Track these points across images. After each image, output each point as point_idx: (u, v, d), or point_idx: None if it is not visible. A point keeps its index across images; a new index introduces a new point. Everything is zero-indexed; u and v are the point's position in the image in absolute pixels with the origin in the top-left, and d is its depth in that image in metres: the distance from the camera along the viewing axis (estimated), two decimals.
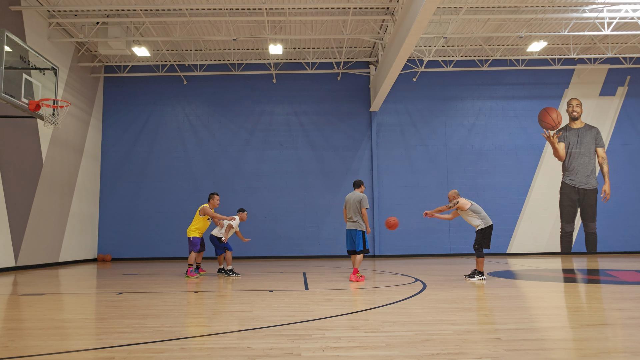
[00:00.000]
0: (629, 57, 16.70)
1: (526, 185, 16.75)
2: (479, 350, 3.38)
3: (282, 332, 4.06)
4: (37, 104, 9.41)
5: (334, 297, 6.21)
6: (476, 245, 8.17)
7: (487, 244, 8.15)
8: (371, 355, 3.31)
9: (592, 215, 16.59)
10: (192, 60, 16.50)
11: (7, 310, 5.47)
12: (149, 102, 16.95)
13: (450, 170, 16.69)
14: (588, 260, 13.63)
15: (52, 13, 13.16)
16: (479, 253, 8.11)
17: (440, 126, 16.97)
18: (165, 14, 13.45)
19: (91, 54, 16.08)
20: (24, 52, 9.34)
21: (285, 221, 16.20)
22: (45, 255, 13.15)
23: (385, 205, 16.51)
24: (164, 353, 3.40)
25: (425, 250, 16.36)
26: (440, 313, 4.89)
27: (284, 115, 17.00)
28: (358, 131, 16.88)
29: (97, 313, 5.26)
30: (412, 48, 11.44)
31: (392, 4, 12.91)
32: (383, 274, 9.80)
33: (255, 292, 6.98)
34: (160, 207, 16.53)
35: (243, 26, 14.48)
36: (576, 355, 3.31)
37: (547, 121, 16.83)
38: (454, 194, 8.46)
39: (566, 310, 5.16)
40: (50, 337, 3.96)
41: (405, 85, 16.92)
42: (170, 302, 5.88)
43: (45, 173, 13.13)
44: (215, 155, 16.80)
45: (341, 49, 16.33)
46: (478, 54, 16.71)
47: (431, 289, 6.95)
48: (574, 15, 13.42)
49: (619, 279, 8.34)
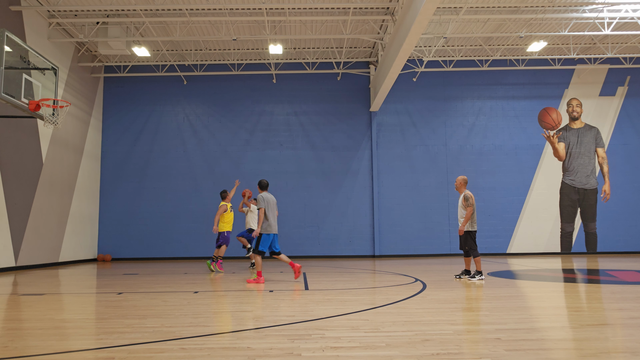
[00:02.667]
0: (629, 57, 16.70)
1: (526, 185, 16.75)
2: (479, 350, 3.38)
3: (282, 332, 4.06)
4: (37, 104, 9.41)
5: (334, 297, 6.21)
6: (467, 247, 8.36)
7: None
8: (371, 355, 3.31)
9: (592, 215, 16.59)
10: (192, 60, 16.50)
11: (7, 310, 5.47)
12: (149, 102, 16.95)
13: (450, 170, 16.69)
14: (588, 260, 13.63)
15: (52, 13, 13.16)
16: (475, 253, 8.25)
17: (440, 126, 16.97)
18: (165, 14, 13.45)
19: (91, 54, 16.08)
20: (24, 52, 9.34)
21: (285, 221, 16.19)
22: (45, 255, 13.15)
23: (385, 205, 16.51)
24: (164, 353, 3.40)
25: (425, 250, 16.36)
26: (440, 313, 4.89)
27: (284, 115, 17.00)
28: (358, 131, 16.88)
29: (97, 313, 5.26)
30: (412, 48, 11.45)
31: (392, 4, 12.90)
32: (383, 274, 9.80)
33: (255, 292, 6.98)
34: (160, 207, 16.53)
35: (243, 26, 14.48)
36: (576, 355, 3.30)
37: (547, 121, 16.83)
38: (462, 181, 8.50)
39: (566, 310, 5.16)
40: (50, 337, 3.96)
41: (405, 85, 16.92)
42: (170, 302, 5.88)
43: (45, 173, 13.13)
44: (215, 155, 16.80)
45: (341, 49, 16.33)
46: (478, 54, 16.71)
47: (431, 289, 6.95)
48: (574, 15, 13.42)
49: (619, 279, 8.34)
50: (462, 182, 8.45)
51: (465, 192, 8.26)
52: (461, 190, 8.40)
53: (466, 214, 8.16)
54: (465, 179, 8.50)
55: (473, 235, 8.28)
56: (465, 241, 8.30)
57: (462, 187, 8.42)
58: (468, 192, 8.23)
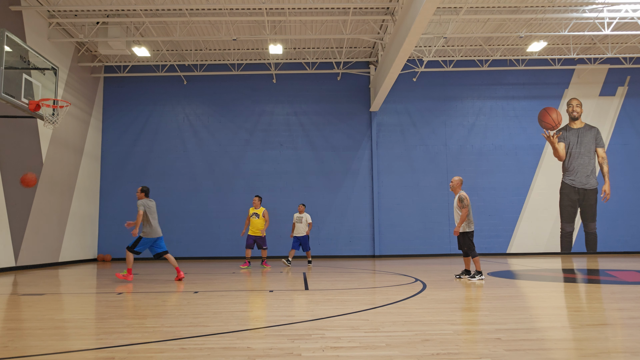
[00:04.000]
0: (629, 57, 16.70)
1: (526, 185, 16.75)
2: (479, 350, 3.38)
3: (282, 332, 4.06)
4: (37, 104, 9.41)
5: (334, 297, 6.21)
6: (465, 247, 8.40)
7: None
8: (371, 355, 3.31)
9: (592, 215, 16.59)
10: (192, 60, 16.50)
11: (7, 310, 5.47)
12: (149, 102, 16.95)
13: (450, 170, 16.69)
14: (588, 260, 13.63)
15: (52, 13, 13.16)
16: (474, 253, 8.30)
17: (440, 126, 16.97)
18: (165, 14, 13.45)
19: (91, 54, 16.08)
20: (24, 52, 9.34)
21: (285, 221, 16.18)
22: (45, 255, 13.15)
23: (385, 205, 16.51)
24: (164, 353, 3.40)
25: (425, 250, 16.36)
26: (440, 313, 4.89)
27: (284, 115, 16.99)
28: (358, 131, 16.88)
29: (97, 313, 5.26)
30: (412, 48, 11.45)
31: (392, 4, 12.91)
32: (383, 274, 9.80)
33: (255, 292, 6.98)
34: (160, 207, 16.47)
35: (243, 26, 14.48)
36: (576, 355, 3.30)
37: (547, 121, 16.82)
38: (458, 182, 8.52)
39: (566, 310, 5.16)
40: (50, 337, 3.96)
41: (405, 85, 16.92)
42: (170, 302, 5.88)
43: (45, 173, 13.13)
44: (215, 155, 16.80)
45: (341, 49, 16.33)
46: (478, 54, 16.71)
47: (431, 289, 6.95)
48: (574, 15, 13.42)
49: (619, 279, 8.34)
50: (457, 183, 8.48)
51: (460, 193, 8.31)
52: (457, 191, 8.45)
53: (461, 215, 8.21)
54: (461, 180, 8.55)
55: (470, 236, 8.31)
56: (463, 242, 8.33)
57: (458, 188, 8.46)
58: (463, 193, 8.28)
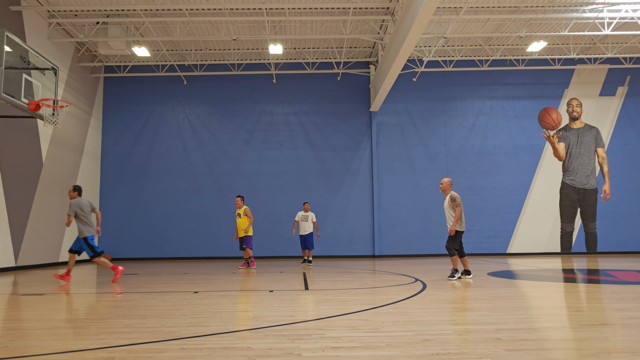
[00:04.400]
0: (629, 57, 16.70)
1: (526, 185, 16.75)
2: (479, 350, 3.38)
3: (282, 332, 4.06)
4: (37, 104, 9.41)
5: (334, 297, 6.21)
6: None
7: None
8: (371, 355, 3.31)
9: (592, 215, 16.59)
10: (192, 60, 16.50)
11: (7, 310, 5.47)
12: (149, 102, 16.95)
13: (450, 170, 16.69)
14: (588, 260, 13.63)
15: (52, 13, 13.16)
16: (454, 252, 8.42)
17: (440, 126, 16.97)
18: (165, 14, 13.45)
19: (91, 54, 16.08)
20: (24, 52, 9.34)
21: (285, 221, 16.20)
22: (45, 255, 13.15)
23: (385, 205, 16.51)
24: (164, 353, 3.40)
25: (425, 250, 16.36)
26: (440, 313, 4.89)
27: (284, 115, 16.99)
28: (358, 131, 16.88)
29: (97, 313, 5.26)
30: (412, 48, 11.45)
31: (392, 4, 12.91)
32: (383, 274, 9.80)
33: (255, 292, 6.98)
34: (160, 207, 16.53)
35: (243, 26, 14.48)
36: (576, 355, 3.30)
37: (547, 121, 16.82)
38: (448, 183, 8.57)
39: (566, 310, 5.15)
40: (50, 337, 3.96)
41: (405, 85, 16.93)
42: (170, 302, 5.88)
43: (45, 173, 13.13)
44: (215, 155, 16.80)
45: (341, 49, 16.33)
46: (478, 54, 16.71)
47: (431, 289, 6.95)
48: (574, 15, 13.42)
49: (619, 279, 8.34)
50: (448, 185, 8.59)
51: (451, 193, 8.40)
52: (447, 192, 8.55)
53: (455, 214, 8.27)
54: (451, 181, 8.72)
55: (459, 235, 8.38)
56: (450, 239, 8.34)
57: (449, 189, 8.57)
58: (454, 193, 8.42)
